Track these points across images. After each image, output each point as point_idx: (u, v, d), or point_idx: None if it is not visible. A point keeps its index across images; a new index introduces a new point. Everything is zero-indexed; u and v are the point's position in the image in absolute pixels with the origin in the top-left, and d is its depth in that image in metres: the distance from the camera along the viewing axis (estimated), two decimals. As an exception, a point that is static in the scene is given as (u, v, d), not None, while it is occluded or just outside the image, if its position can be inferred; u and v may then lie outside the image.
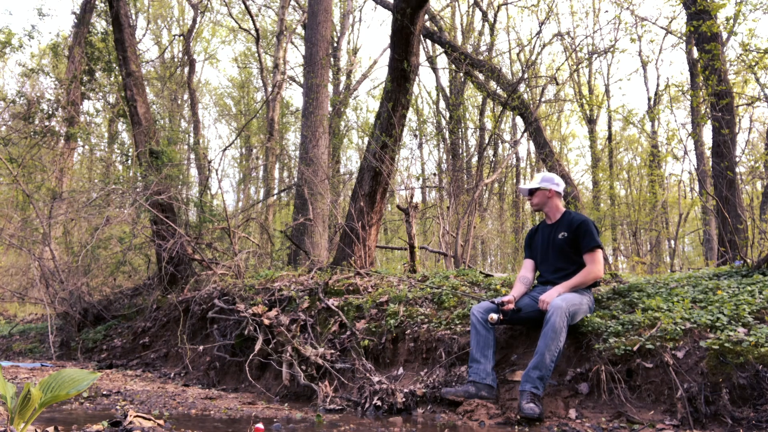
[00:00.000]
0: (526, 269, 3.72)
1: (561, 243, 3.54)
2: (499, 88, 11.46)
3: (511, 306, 3.39)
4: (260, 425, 2.48)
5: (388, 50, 6.91)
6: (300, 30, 18.15)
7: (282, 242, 9.41)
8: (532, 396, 2.98)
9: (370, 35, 48.76)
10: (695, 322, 3.07)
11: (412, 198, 6.34)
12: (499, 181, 18.66)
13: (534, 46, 11.55)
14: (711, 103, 6.53)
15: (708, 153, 10.18)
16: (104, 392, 4.06)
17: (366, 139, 12.71)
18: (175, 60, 21.79)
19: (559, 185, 3.65)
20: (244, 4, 15.99)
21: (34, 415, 1.98)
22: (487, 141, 15.05)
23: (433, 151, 20.60)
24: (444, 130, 16.97)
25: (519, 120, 17.54)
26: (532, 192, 3.70)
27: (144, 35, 21.56)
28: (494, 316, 3.32)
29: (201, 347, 5.24)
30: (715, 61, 6.39)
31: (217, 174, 18.96)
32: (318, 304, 4.66)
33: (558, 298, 3.19)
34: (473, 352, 3.34)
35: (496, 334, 3.44)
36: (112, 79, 12.79)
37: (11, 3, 36.35)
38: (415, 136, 16.55)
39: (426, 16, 10.12)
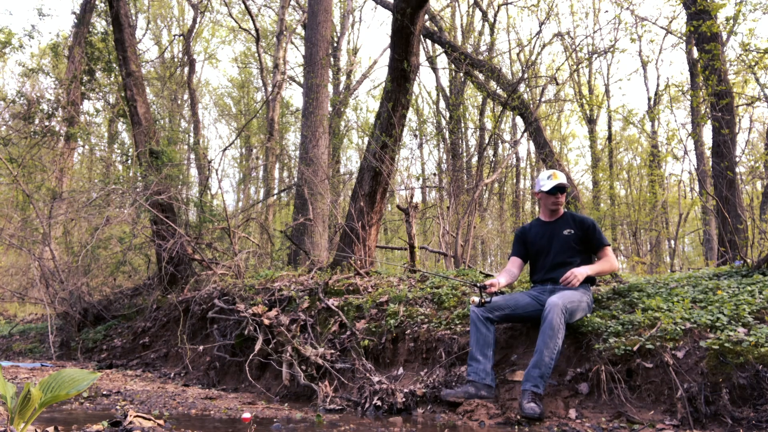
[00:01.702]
0: (513, 265, 3.75)
1: (567, 239, 3.57)
2: (499, 88, 11.46)
3: (494, 289, 3.45)
4: (247, 414, 2.46)
5: (388, 50, 6.91)
6: (300, 30, 18.15)
7: (282, 242, 9.41)
8: (533, 395, 2.98)
9: (370, 35, 48.77)
10: (695, 322, 3.07)
11: (412, 198, 6.34)
12: (499, 181, 18.66)
13: (534, 46, 11.56)
14: (711, 103, 6.53)
15: (708, 153, 10.18)
16: (104, 392, 4.06)
17: (366, 139, 12.72)
18: (175, 60, 21.79)
19: None
20: (244, 4, 15.99)
21: (34, 415, 1.98)
22: (487, 141, 15.06)
23: (433, 151, 20.61)
24: (444, 130, 16.98)
25: (519, 120, 17.55)
26: (563, 189, 3.65)
27: (144, 35, 21.56)
28: (476, 299, 3.37)
29: (201, 347, 5.24)
30: (715, 61, 6.39)
31: (217, 174, 18.96)
32: (318, 304, 4.66)
33: (555, 296, 3.21)
34: (473, 351, 3.33)
35: (496, 334, 3.44)
36: (112, 79, 12.80)
37: (11, 3, 36.36)
38: (415, 136, 16.57)
39: (426, 16, 10.12)
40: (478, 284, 3.50)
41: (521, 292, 3.59)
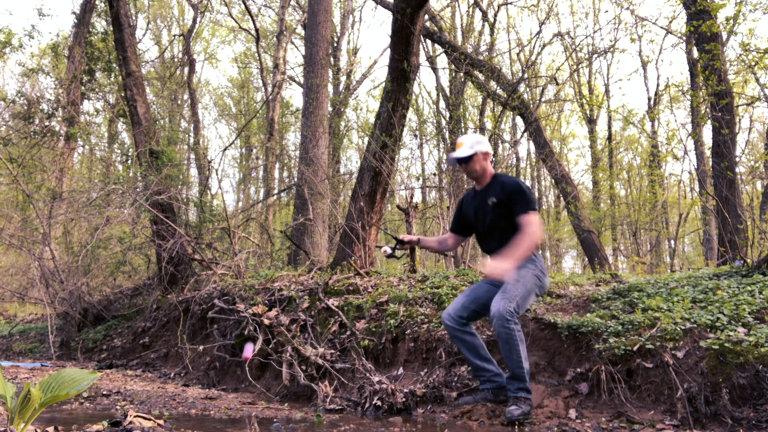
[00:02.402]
0: (447, 237, 3.57)
1: (491, 209, 3.19)
2: (499, 88, 11.46)
3: (410, 245, 3.46)
4: (249, 350, 2.27)
5: (388, 50, 6.91)
6: (300, 30, 18.15)
7: (282, 242, 9.41)
8: (514, 399, 2.96)
9: (370, 35, 48.77)
10: (695, 322, 3.07)
11: (412, 198, 6.34)
12: (499, 181, 18.63)
13: (534, 46, 11.56)
14: (711, 103, 6.53)
15: (708, 153, 10.18)
16: (104, 392, 4.06)
17: (366, 139, 12.71)
18: (175, 60, 21.78)
19: (487, 144, 3.33)
20: (244, 4, 15.99)
21: (34, 415, 1.98)
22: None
23: (433, 151, 20.59)
24: (444, 130, 16.97)
25: (519, 120, 17.56)
26: (467, 160, 3.24)
27: (144, 35, 21.56)
28: (387, 249, 3.37)
29: (201, 347, 5.24)
30: (715, 61, 6.39)
31: (217, 174, 18.97)
32: (318, 304, 4.66)
33: (494, 302, 2.96)
34: (472, 361, 3.18)
35: (478, 333, 3.29)
36: (112, 79, 12.80)
37: (11, 3, 36.35)
38: (415, 136, 16.54)
39: (426, 16, 10.12)
40: (396, 237, 3.49)
41: (478, 283, 3.38)
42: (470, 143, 3.26)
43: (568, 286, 4.22)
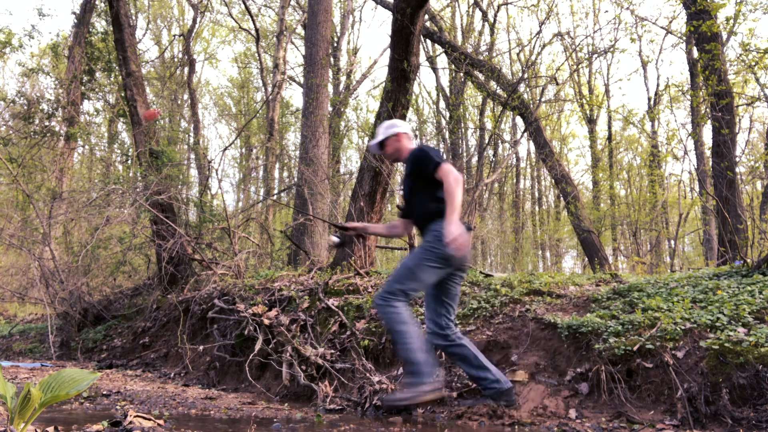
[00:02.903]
0: (395, 223, 3.52)
1: (407, 183, 3.21)
2: (499, 88, 11.46)
3: (353, 232, 3.40)
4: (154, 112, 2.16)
5: (388, 50, 6.91)
6: (300, 30, 18.15)
7: (282, 242, 9.41)
8: (402, 384, 2.83)
9: (370, 35, 48.77)
10: (695, 322, 3.07)
11: (412, 198, 6.33)
12: (499, 181, 18.67)
13: (534, 46, 11.58)
14: (711, 103, 6.53)
15: (708, 153, 10.18)
16: (104, 392, 4.06)
17: (366, 139, 12.71)
18: (175, 60, 21.78)
19: (403, 126, 3.34)
20: (244, 4, 15.98)
21: (34, 415, 1.98)
22: (487, 141, 15.07)
23: (433, 151, 20.57)
24: (444, 130, 16.98)
25: (519, 120, 17.56)
26: (382, 145, 3.34)
27: (144, 35, 21.56)
28: (333, 238, 3.33)
29: (201, 347, 5.24)
30: (715, 61, 6.39)
31: (217, 174, 18.98)
32: (318, 304, 4.66)
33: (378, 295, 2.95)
34: (467, 371, 3.03)
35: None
36: (112, 79, 12.79)
37: (11, 3, 36.34)
38: (416, 136, 16.57)
39: (426, 16, 10.12)
40: (337, 224, 3.49)
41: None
42: (381, 130, 3.36)
43: (568, 286, 4.22)
